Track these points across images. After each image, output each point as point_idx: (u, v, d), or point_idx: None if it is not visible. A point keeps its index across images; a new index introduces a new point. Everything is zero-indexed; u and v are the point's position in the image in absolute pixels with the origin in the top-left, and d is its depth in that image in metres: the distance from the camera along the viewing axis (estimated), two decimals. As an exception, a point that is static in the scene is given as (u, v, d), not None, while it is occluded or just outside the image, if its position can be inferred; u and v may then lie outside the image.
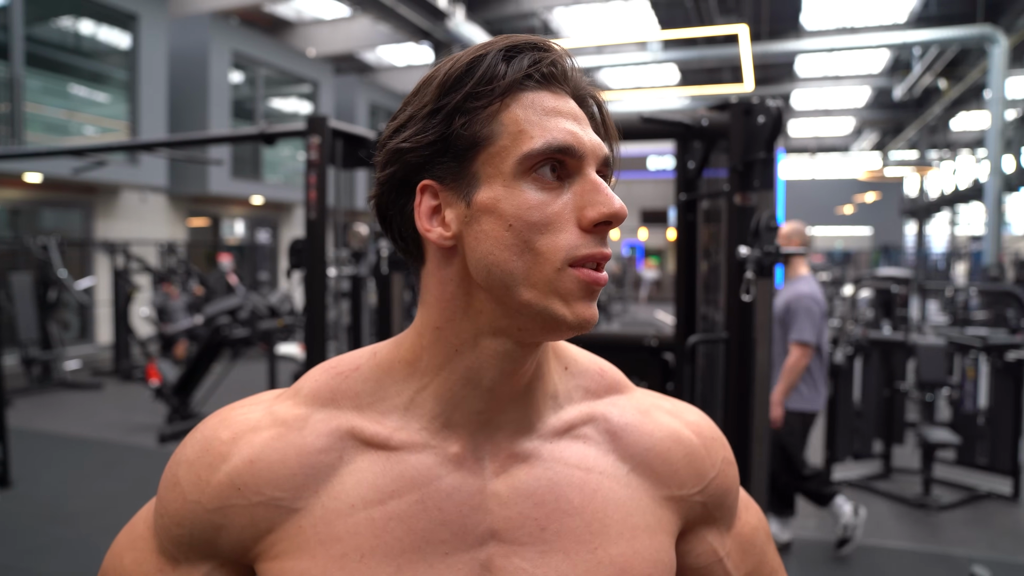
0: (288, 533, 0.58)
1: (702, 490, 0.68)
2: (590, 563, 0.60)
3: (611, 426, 0.66)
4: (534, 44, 0.58)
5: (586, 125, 0.59)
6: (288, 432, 0.60)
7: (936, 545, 3.79)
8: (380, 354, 0.63)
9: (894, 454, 5.00)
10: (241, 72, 12.55)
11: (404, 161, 0.58)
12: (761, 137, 1.92)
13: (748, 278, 1.83)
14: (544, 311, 0.55)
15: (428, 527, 0.58)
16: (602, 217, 0.56)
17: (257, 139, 2.76)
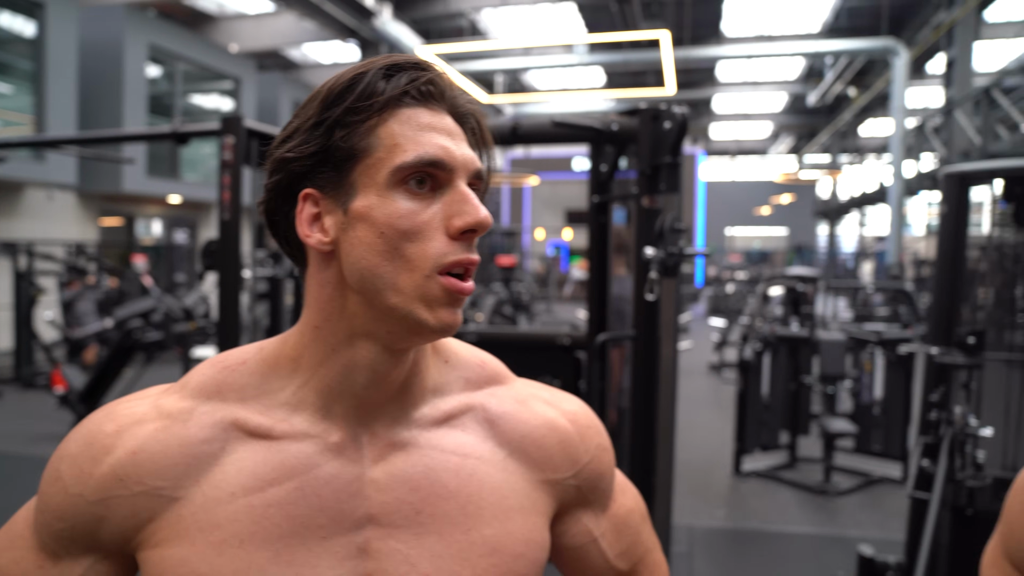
0: (168, 521, 0.60)
1: (576, 474, 0.72)
2: (463, 543, 0.64)
3: (489, 415, 0.70)
4: (414, 63, 0.62)
5: (460, 140, 0.62)
6: (172, 424, 0.62)
7: (833, 528, 4.02)
8: (266, 350, 0.66)
9: (800, 444, 5.25)
10: (159, 66, 12.13)
11: (288, 170, 0.61)
12: (667, 142, 2.01)
13: (652, 278, 1.92)
14: (409, 315, 0.59)
15: (306, 513, 0.61)
16: (467, 226, 0.59)
17: (169, 138, 2.71)
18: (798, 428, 5.13)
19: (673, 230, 1.94)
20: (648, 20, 12.85)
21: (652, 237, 1.95)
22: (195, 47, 12.54)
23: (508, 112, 19.37)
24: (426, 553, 0.63)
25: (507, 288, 11.01)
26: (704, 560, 3.60)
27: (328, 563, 0.61)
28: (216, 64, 13.01)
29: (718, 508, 4.36)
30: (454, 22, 14.71)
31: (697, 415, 6.71)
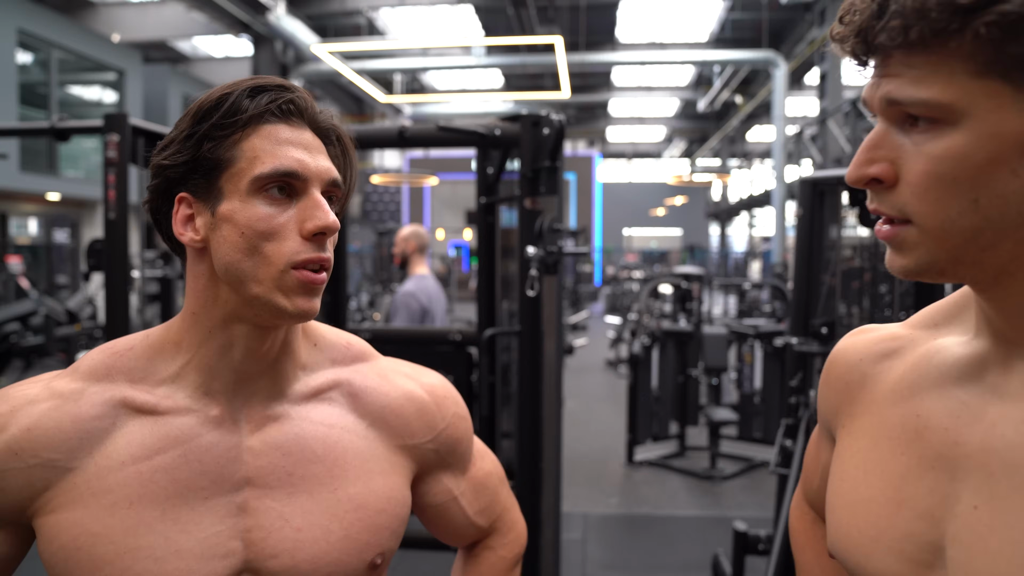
0: (63, 489, 0.67)
1: (434, 439, 0.83)
2: (330, 500, 0.73)
3: (353, 389, 0.79)
4: (277, 85, 0.70)
5: (317, 153, 0.71)
6: (64, 403, 0.69)
7: (718, 510, 4.30)
8: (151, 336, 0.74)
9: (689, 434, 5.55)
10: (31, 54, 11.40)
11: (165, 176, 0.69)
12: (546, 147, 2.13)
13: (532, 275, 2.04)
14: (269, 303, 0.68)
15: (189, 476, 0.69)
16: (316, 229, 0.68)
17: (48, 134, 2.63)
18: (687, 419, 5.41)
19: (552, 230, 2.07)
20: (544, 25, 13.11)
21: (533, 237, 2.07)
22: (72, 35, 11.85)
23: (407, 111, 19.29)
24: (298, 510, 0.72)
25: (408, 288, 10.98)
26: (597, 545, 3.78)
27: (210, 520, 0.69)
28: (96, 54, 12.34)
29: (612, 496, 4.57)
30: (351, 20, 14.52)
31: (593, 410, 6.96)
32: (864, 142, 0.54)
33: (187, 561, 0.67)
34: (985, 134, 0.48)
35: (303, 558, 0.71)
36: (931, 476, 0.57)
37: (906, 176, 0.51)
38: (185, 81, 15.08)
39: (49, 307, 5.00)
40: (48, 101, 11.64)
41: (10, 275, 9.14)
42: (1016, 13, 0.45)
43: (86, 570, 0.66)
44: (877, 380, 0.65)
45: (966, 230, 0.50)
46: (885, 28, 0.49)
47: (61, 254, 12.62)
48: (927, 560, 0.56)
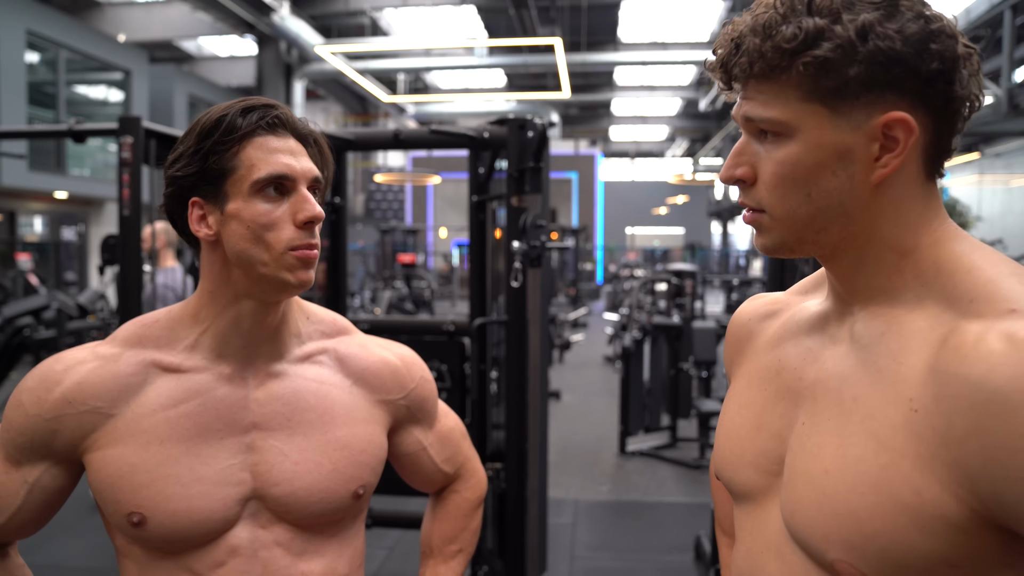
0: (106, 431, 0.86)
1: (405, 396, 1.02)
2: (321, 441, 0.92)
3: (339, 355, 0.98)
4: (264, 104, 0.87)
5: (301, 156, 0.87)
6: (106, 363, 0.88)
7: (704, 497, 4.45)
8: (174, 311, 0.93)
9: (681, 426, 5.70)
10: (38, 54, 11.58)
11: (179, 184, 0.87)
12: (530, 149, 2.29)
13: (516, 268, 2.20)
14: (276, 278, 0.85)
15: (207, 420, 0.88)
16: (307, 219, 0.85)
17: (66, 136, 2.79)
18: (678, 411, 5.56)
19: (535, 226, 2.22)
20: (545, 25, 13.25)
21: (517, 232, 2.22)
22: (79, 35, 12.03)
23: (410, 111, 19.44)
24: (295, 448, 0.91)
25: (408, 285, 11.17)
26: (586, 529, 3.94)
27: (225, 455, 0.88)
28: (103, 54, 12.52)
29: (603, 484, 4.72)
30: (355, 20, 14.67)
31: (589, 403, 7.12)
32: (732, 150, 0.70)
33: (207, 486, 0.86)
34: (812, 144, 0.64)
35: (300, 486, 0.89)
36: (782, 405, 0.73)
37: (761, 176, 0.67)
38: (190, 81, 15.25)
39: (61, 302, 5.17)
40: (56, 101, 11.82)
41: (20, 272, 9.34)
42: (824, 56, 0.61)
43: (127, 492, 0.84)
44: (759, 334, 0.82)
45: (803, 217, 0.66)
46: (737, 63, 0.65)
47: (69, 251, 12.81)
48: (775, 470, 0.72)
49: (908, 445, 0.59)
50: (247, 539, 0.88)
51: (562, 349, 9.70)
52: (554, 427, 5.47)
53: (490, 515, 2.75)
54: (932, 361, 0.59)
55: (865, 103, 0.62)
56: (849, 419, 0.64)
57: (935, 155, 0.66)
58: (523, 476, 2.51)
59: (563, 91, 12.01)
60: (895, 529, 0.58)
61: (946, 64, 0.61)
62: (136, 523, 0.84)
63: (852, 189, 0.65)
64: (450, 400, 2.89)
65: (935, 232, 0.66)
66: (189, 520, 0.84)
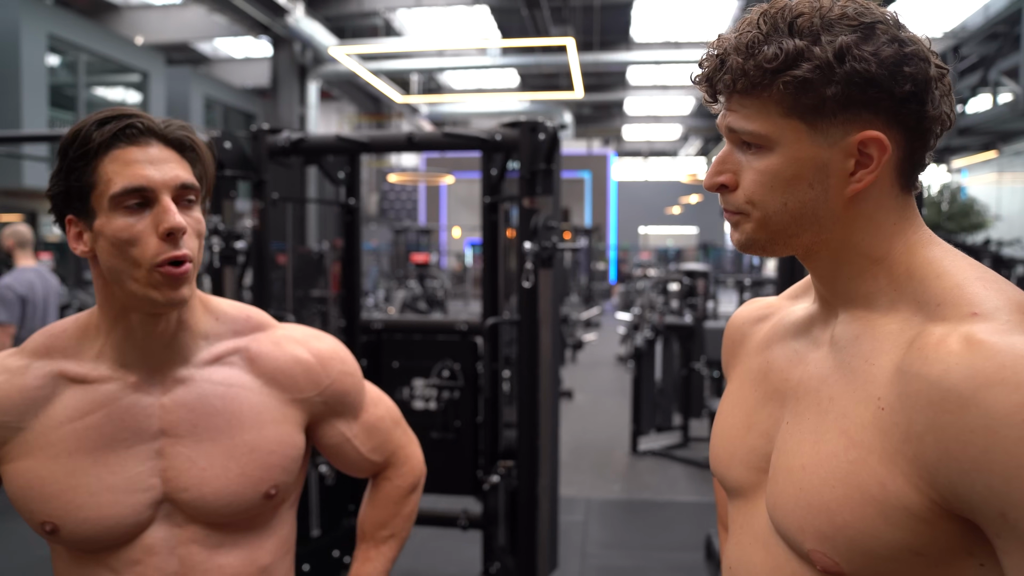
0: (16, 444, 0.89)
1: (320, 393, 1.02)
2: (229, 445, 0.93)
3: (251, 354, 0.98)
4: (120, 114, 0.85)
5: (164, 164, 0.85)
6: (13, 377, 0.90)
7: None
8: (80, 320, 0.95)
9: (693, 426, 5.71)
10: (59, 57, 11.74)
11: (55, 204, 0.88)
12: (542, 151, 2.32)
13: (527, 268, 2.23)
14: (145, 296, 0.86)
15: (113, 431, 0.90)
16: (167, 230, 0.83)
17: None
18: (690, 410, 5.58)
19: (547, 227, 2.26)
20: (558, 25, 13.27)
21: (529, 233, 2.26)
22: (98, 38, 12.19)
23: (423, 111, 19.51)
24: (203, 453, 0.92)
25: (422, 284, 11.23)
26: (597, 527, 3.97)
27: (133, 463, 0.90)
28: (122, 56, 12.67)
29: (615, 483, 4.75)
30: (368, 21, 14.75)
31: (601, 402, 7.14)
32: (715, 159, 0.74)
33: (116, 495, 0.88)
34: (790, 157, 0.68)
35: (208, 491, 0.91)
36: (770, 405, 0.77)
37: (742, 184, 0.71)
38: (206, 82, 15.40)
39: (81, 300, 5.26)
40: (76, 103, 11.98)
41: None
42: (802, 76, 0.64)
43: (39, 503, 0.87)
44: (751, 337, 0.85)
45: (778, 223, 0.70)
46: (721, 79, 0.69)
47: (87, 251, 12.94)
48: (763, 467, 0.76)
49: (875, 441, 0.62)
50: (162, 538, 0.91)
51: (574, 349, 9.72)
52: (566, 426, 5.50)
53: (502, 512, 2.79)
54: (899, 362, 0.62)
55: (842, 121, 0.66)
56: (825, 418, 0.68)
57: (909, 170, 0.69)
58: (535, 474, 2.55)
59: (576, 91, 12.03)
60: (863, 520, 0.61)
61: (919, 86, 0.64)
62: (49, 531, 0.87)
63: (827, 201, 0.68)
64: (463, 399, 2.93)
65: (908, 239, 0.69)
66: (100, 526, 0.87)
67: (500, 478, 2.73)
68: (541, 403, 2.47)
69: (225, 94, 15.96)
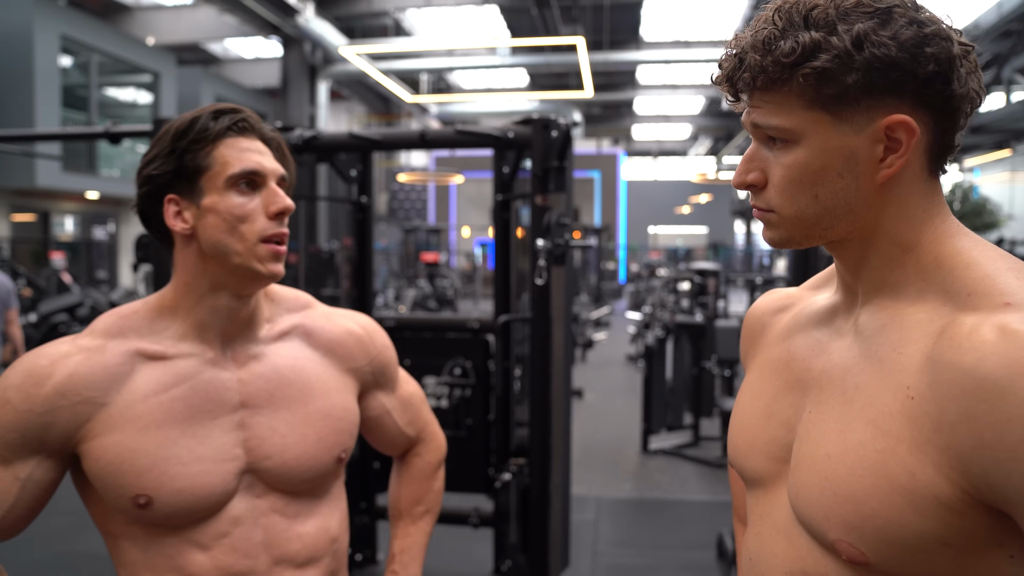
0: (101, 420, 0.90)
1: (369, 363, 1.10)
2: (303, 413, 0.99)
3: (307, 329, 1.05)
4: (232, 109, 0.94)
5: (268, 156, 0.95)
6: (93, 355, 0.92)
7: (728, 496, 4.44)
8: (150, 302, 0.98)
9: (704, 425, 5.69)
10: (71, 58, 11.82)
11: (155, 183, 0.93)
12: (555, 148, 2.32)
13: (541, 265, 2.23)
14: (248, 268, 0.92)
15: (198, 403, 0.93)
16: (278, 210, 0.93)
17: (102, 137, 2.87)
18: (701, 409, 5.55)
19: (559, 224, 2.25)
20: (568, 25, 13.26)
21: (542, 230, 2.26)
22: (110, 39, 12.27)
23: (433, 111, 19.54)
24: (282, 422, 0.97)
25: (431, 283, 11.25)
26: (608, 525, 3.96)
27: (218, 434, 0.94)
28: (133, 57, 12.75)
29: (626, 482, 4.74)
30: (378, 21, 14.78)
31: (611, 401, 7.13)
32: (743, 156, 0.73)
33: (206, 464, 0.92)
34: (817, 149, 0.67)
35: (290, 457, 0.97)
36: (792, 395, 0.76)
37: (771, 180, 0.71)
38: (217, 82, 15.48)
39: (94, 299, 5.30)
40: (88, 103, 12.06)
41: (54, 270, 9.54)
42: (821, 67, 0.64)
43: (131, 476, 0.89)
44: (771, 328, 0.85)
45: (811, 217, 0.70)
46: (741, 78, 0.69)
47: (100, 250, 13.06)
48: (784, 457, 0.75)
49: (904, 430, 0.62)
50: (246, 509, 0.95)
51: (585, 348, 9.71)
52: (577, 425, 5.50)
53: (514, 510, 2.79)
54: (929, 351, 0.62)
55: (866, 108, 0.65)
56: (851, 407, 0.67)
57: (938, 153, 0.69)
58: (547, 472, 2.55)
59: (586, 90, 12.02)
60: (891, 509, 0.61)
61: (942, 65, 0.64)
62: (143, 504, 0.89)
63: (858, 189, 0.68)
64: (474, 397, 2.93)
65: (937, 228, 0.69)
66: (193, 497, 0.90)
67: (512, 476, 2.74)
68: (553, 400, 2.47)
69: (236, 94, 16.03)
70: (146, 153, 0.94)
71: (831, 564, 0.67)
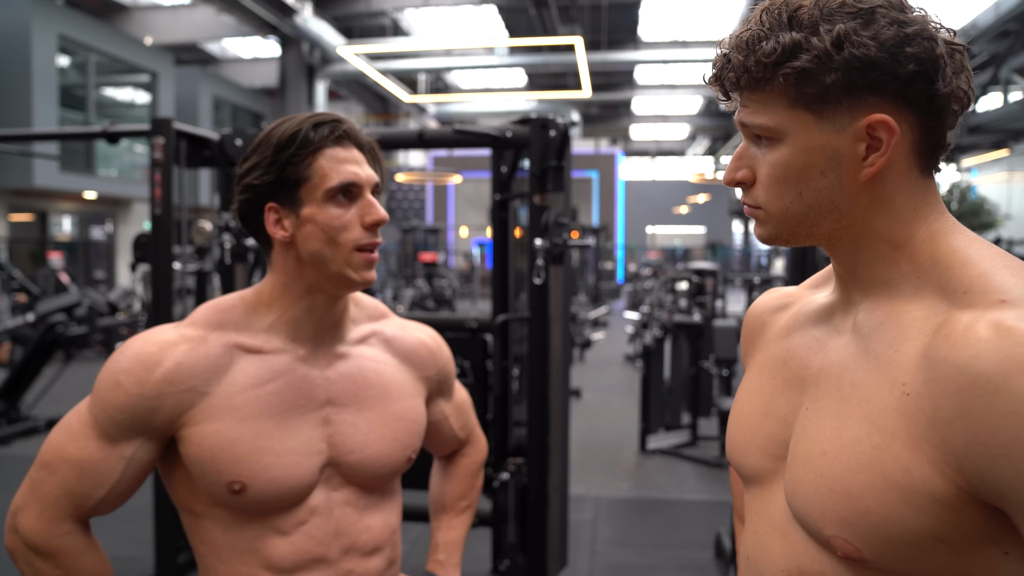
0: (202, 408, 0.95)
1: (437, 372, 1.17)
2: (384, 414, 1.06)
3: (385, 336, 1.12)
4: (332, 119, 0.99)
5: (364, 164, 1.00)
6: (196, 345, 0.97)
7: (726, 495, 4.45)
8: (246, 298, 1.03)
9: (700, 424, 5.70)
10: (69, 58, 11.81)
11: (256, 191, 0.98)
12: (553, 148, 2.33)
13: (539, 264, 2.23)
14: (344, 276, 0.97)
15: (291, 397, 0.99)
16: (374, 221, 0.98)
17: (100, 137, 2.87)
18: (699, 409, 5.55)
19: (557, 224, 2.26)
20: (566, 24, 13.27)
21: (540, 230, 2.26)
22: (108, 39, 12.26)
23: (431, 111, 19.54)
24: (364, 420, 1.04)
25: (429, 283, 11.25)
26: (606, 525, 3.96)
27: (307, 428, 1.00)
28: (131, 57, 12.74)
29: (624, 481, 4.75)
30: (376, 21, 14.78)
31: (609, 401, 7.13)
32: (733, 154, 0.74)
33: (296, 457, 0.97)
34: (799, 148, 0.68)
35: (370, 453, 1.03)
36: (789, 392, 0.77)
37: (759, 178, 0.72)
38: (215, 82, 15.46)
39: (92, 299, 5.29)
40: (85, 103, 12.05)
41: (51, 271, 9.53)
42: (802, 67, 0.65)
43: (229, 463, 0.94)
44: (771, 326, 0.85)
45: (796, 214, 0.71)
46: (727, 77, 0.71)
47: (98, 250, 13.04)
48: (781, 454, 0.76)
49: (900, 427, 0.62)
50: (323, 500, 1.00)
51: (583, 348, 9.72)
52: (575, 425, 5.50)
53: (512, 510, 2.79)
54: (925, 348, 0.62)
55: (848, 107, 0.66)
56: (847, 403, 0.68)
57: (927, 151, 0.69)
58: (545, 471, 2.55)
59: (583, 90, 12.03)
60: (886, 506, 0.61)
61: (923, 65, 0.65)
62: (236, 490, 0.94)
63: (841, 187, 0.69)
64: (472, 396, 2.93)
65: (931, 226, 0.69)
66: (283, 487, 0.96)
67: (510, 475, 2.74)
68: (551, 399, 2.47)
69: (234, 94, 16.01)
70: (246, 159, 0.99)
71: (827, 561, 0.67)
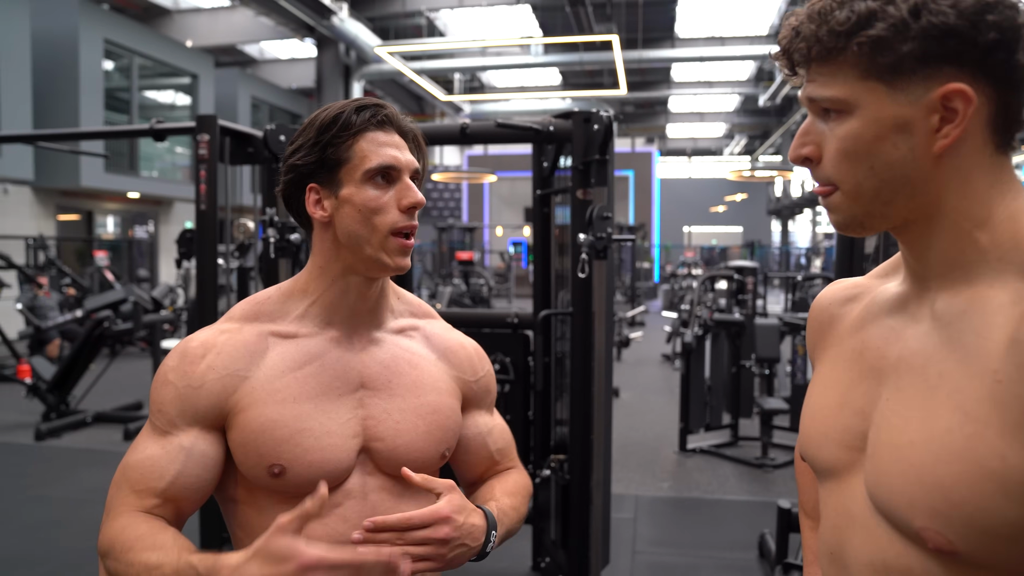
0: (245, 392, 0.96)
1: (477, 380, 1.14)
2: (416, 404, 1.03)
3: (426, 333, 1.11)
4: (374, 103, 0.99)
5: (404, 150, 0.99)
6: (233, 334, 1.00)
7: (767, 496, 4.37)
8: (283, 287, 1.05)
9: (741, 424, 5.61)
10: (114, 61, 12.07)
11: (298, 172, 0.99)
12: (596, 142, 2.30)
13: (583, 259, 2.21)
14: (378, 259, 0.97)
15: (327, 380, 0.99)
16: (410, 204, 0.98)
17: (147, 134, 2.91)
18: (740, 409, 5.46)
19: (601, 218, 2.23)
20: (601, 22, 13.19)
21: (583, 224, 2.23)
22: (151, 42, 12.50)
23: (466, 110, 19.59)
24: (395, 407, 1.02)
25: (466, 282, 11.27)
26: (647, 524, 3.92)
27: (343, 410, 1.00)
28: (173, 59, 12.97)
29: (664, 481, 4.69)
30: (411, 21, 14.86)
31: (648, 400, 7.07)
32: (798, 131, 0.72)
33: (334, 439, 0.97)
34: (870, 119, 0.66)
35: (400, 442, 1.01)
36: (866, 384, 0.74)
37: (826, 153, 0.70)
38: (254, 83, 15.67)
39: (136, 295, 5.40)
40: (129, 106, 12.30)
41: (97, 268, 9.76)
42: (877, 35, 0.63)
43: (270, 447, 0.94)
44: (841, 319, 0.82)
45: (870, 190, 0.68)
46: (796, 49, 0.68)
47: (141, 249, 13.32)
48: (858, 446, 0.73)
49: (993, 414, 0.60)
50: (358, 484, 0.99)
51: (620, 346, 9.64)
52: (614, 424, 5.44)
53: (554, 507, 2.77)
54: (1013, 333, 0.60)
55: (922, 77, 0.64)
56: (935, 394, 0.65)
57: (1003, 126, 0.66)
58: (588, 468, 2.52)
59: (620, 88, 11.95)
60: (981, 496, 0.59)
61: (1005, 34, 0.62)
62: (276, 474, 0.94)
63: (914, 160, 0.66)
64: (513, 392, 2.92)
65: (1010, 206, 0.66)
66: (322, 469, 0.95)
67: (551, 472, 2.71)
68: (595, 395, 2.44)
69: (271, 95, 16.23)
70: (291, 141, 1.00)
71: (914, 554, 0.65)
